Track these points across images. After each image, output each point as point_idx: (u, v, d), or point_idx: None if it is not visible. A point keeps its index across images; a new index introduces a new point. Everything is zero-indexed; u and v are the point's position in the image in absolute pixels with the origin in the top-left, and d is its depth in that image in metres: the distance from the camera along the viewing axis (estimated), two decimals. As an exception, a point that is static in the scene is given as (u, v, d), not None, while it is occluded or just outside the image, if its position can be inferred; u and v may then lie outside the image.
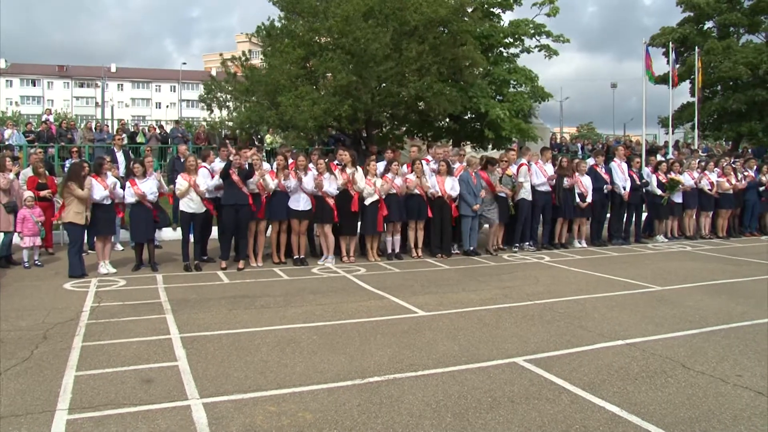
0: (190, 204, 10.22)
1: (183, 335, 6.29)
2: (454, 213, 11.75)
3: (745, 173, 15.77)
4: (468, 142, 20.26)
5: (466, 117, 19.73)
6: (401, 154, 12.92)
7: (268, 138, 20.40)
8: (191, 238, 10.62)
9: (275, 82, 15.71)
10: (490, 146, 19.45)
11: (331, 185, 10.84)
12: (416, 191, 11.48)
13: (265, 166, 11.25)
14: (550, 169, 12.80)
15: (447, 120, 19.76)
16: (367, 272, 10.17)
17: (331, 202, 10.85)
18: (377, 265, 10.83)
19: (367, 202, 11.09)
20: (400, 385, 4.92)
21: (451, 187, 11.65)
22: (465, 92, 18.19)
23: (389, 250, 11.56)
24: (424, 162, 12.10)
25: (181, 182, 10.21)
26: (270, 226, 11.10)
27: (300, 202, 10.79)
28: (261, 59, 17.93)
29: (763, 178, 15.89)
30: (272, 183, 10.62)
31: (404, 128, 20.13)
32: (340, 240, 11.24)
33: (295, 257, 10.90)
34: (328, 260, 10.94)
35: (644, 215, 14.88)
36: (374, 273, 10.11)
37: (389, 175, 11.31)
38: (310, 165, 11.40)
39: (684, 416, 4.36)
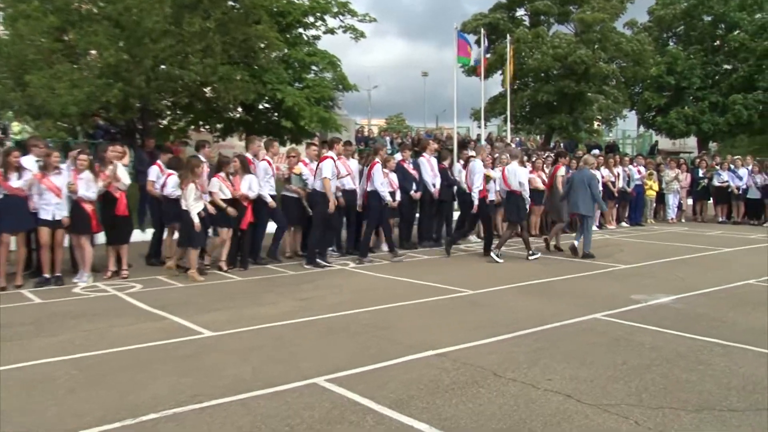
0: None
1: None
2: (249, 218, 11.50)
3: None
4: (265, 137, 20.20)
5: (261, 107, 19.63)
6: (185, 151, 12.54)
7: (15, 126, 18.70)
8: None
9: (21, 56, 14.43)
10: (288, 139, 19.50)
11: (89, 188, 10.18)
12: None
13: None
14: (354, 166, 13.11)
15: (239, 110, 19.51)
16: (144, 289, 9.76)
17: (89, 208, 10.19)
18: (156, 280, 10.42)
19: (195, 211, 10.48)
20: (181, 420, 4.74)
21: (248, 187, 11.46)
22: (259, 78, 18.08)
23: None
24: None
25: None
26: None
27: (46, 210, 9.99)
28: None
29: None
30: None
31: (189, 119, 19.55)
32: (108, 251, 10.63)
33: (43, 276, 10.07)
34: (83, 278, 10.25)
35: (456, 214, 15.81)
36: (151, 289, 9.73)
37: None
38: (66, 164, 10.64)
39: (495, 428, 4.64)
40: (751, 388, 5.37)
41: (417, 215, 14.64)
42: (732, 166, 21.02)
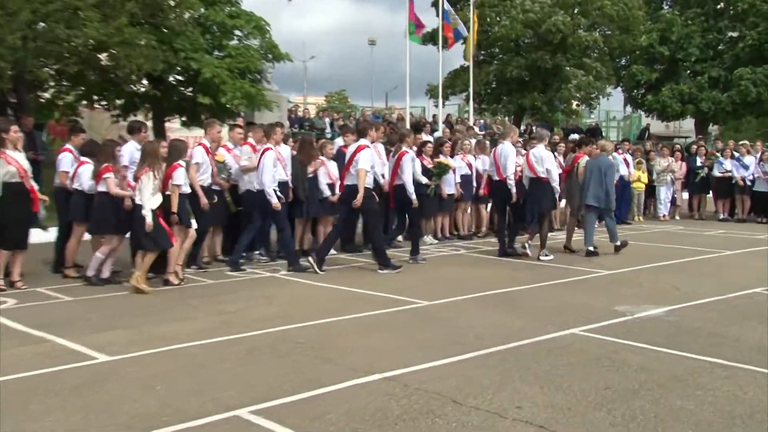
0: None
1: None
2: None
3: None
4: (177, 116, 19.99)
5: (173, 79, 19.40)
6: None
7: None
8: None
9: None
10: (206, 119, 19.28)
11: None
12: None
13: None
14: (286, 152, 13.02)
15: (145, 82, 19.24)
16: (19, 304, 9.51)
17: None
18: (35, 293, 10.19)
19: (151, 207, 10.20)
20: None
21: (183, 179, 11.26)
22: (169, 44, 17.86)
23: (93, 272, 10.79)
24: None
25: None
26: None
27: None
28: None
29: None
30: None
31: (80, 92, 19.21)
32: None
33: None
34: None
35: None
36: (30, 305, 9.48)
37: None
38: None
39: (453, 465, 4.69)
40: (759, 417, 5.49)
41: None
42: (736, 153, 21.35)
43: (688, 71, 36.92)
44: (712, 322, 8.56)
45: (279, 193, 11.92)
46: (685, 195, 22.94)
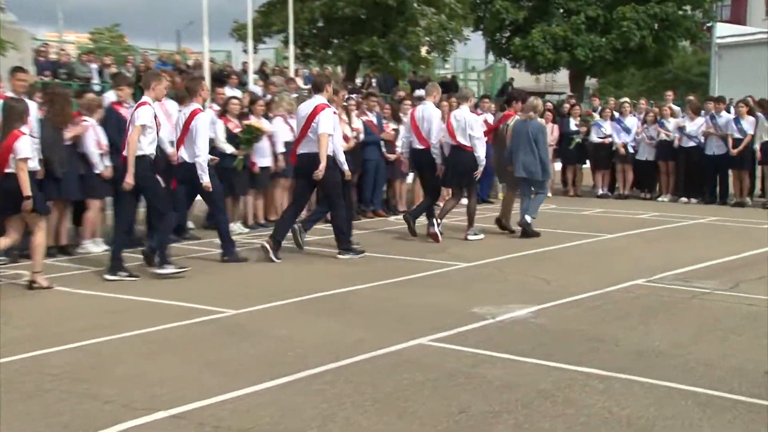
0: None
1: None
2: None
3: (366, 119, 17.45)
4: None
5: None
6: None
7: None
8: None
9: None
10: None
11: None
12: None
13: None
14: (33, 111, 12.43)
15: None
16: None
17: None
18: None
19: None
20: None
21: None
22: None
23: None
24: None
25: None
26: None
27: None
28: None
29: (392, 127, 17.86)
30: None
31: None
32: None
33: None
34: None
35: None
36: None
37: None
38: None
39: None
40: (639, 438, 5.72)
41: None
42: (617, 114, 22.18)
43: (561, 10, 37.70)
44: (587, 323, 8.93)
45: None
46: (558, 165, 23.55)
